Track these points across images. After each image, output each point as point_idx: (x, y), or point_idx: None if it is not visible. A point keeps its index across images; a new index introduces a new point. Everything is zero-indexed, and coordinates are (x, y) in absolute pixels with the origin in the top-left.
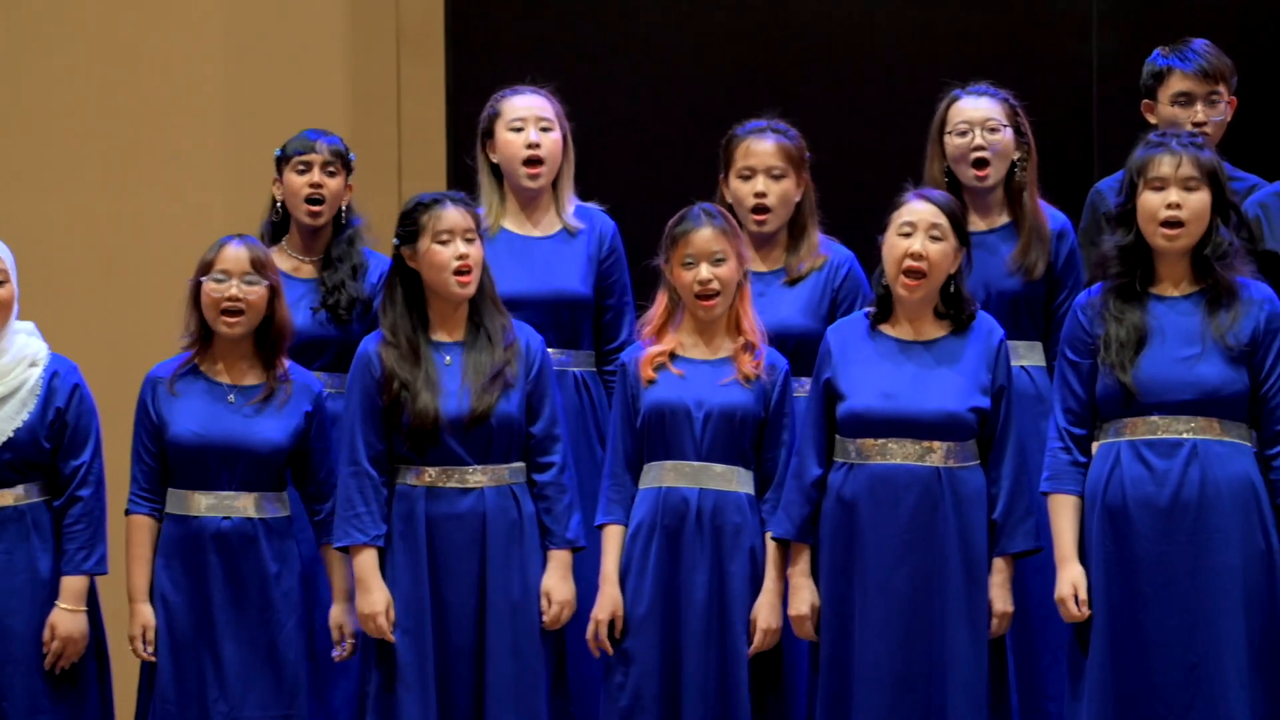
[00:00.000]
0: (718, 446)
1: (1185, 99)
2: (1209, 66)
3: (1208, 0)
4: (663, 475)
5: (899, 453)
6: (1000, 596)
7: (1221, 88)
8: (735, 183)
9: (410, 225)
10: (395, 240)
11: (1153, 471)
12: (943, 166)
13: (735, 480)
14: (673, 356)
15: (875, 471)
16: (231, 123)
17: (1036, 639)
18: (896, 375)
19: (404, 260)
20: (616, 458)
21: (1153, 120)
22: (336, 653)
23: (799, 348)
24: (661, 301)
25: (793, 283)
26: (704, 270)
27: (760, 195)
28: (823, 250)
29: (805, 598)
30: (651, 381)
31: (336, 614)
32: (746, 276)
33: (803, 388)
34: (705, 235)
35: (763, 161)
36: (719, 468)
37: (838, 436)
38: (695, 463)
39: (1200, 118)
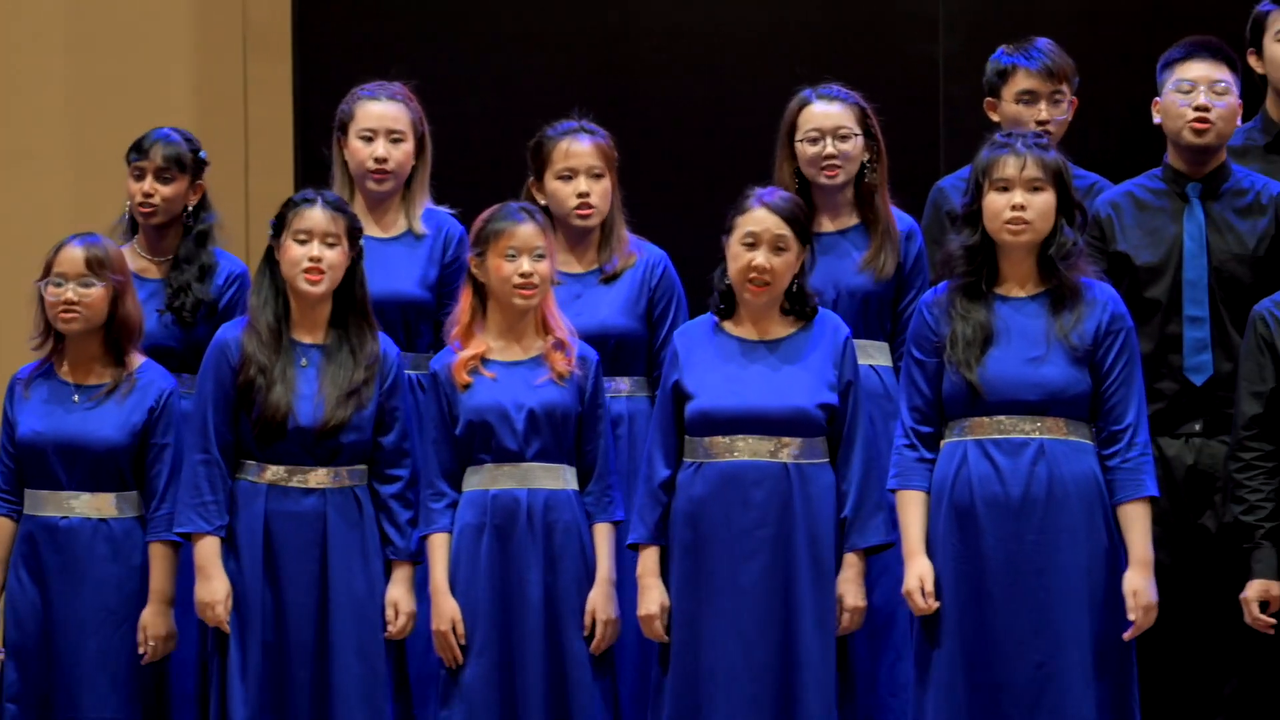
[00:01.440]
0: (542, 446)
1: (1029, 97)
2: (1053, 65)
3: (1050, 2)
4: (489, 478)
5: (748, 449)
6: (852, 592)
7: (1064, 87)
8: (554, 184)
9: (279, 219)
10: (269, 230)
11: (999, 470)
12: (793, 169)
13: (561, 478)
14: (483, 360)
15: (724, 469)
16: (76, 119)
17: (881, 635)
18: (744, 373)
19: (273, 252)
20: (433, 466)
21: (996, 119)
22: (142, 655)
23: (619, 348)
24: (466, 301)
25: (608, 280)
26: (526, 263)
27: (584, 195)
28: (633, 249)
29: (655, 598)
30: (467, 386)
31: (146, 615)
32: (554, 277)
33: (618, 389)
34: (529, 230)
35: (583, 162)
36: (545, 466)
37: (687, 437)
38: (521, 464)
39: (1044, 116)
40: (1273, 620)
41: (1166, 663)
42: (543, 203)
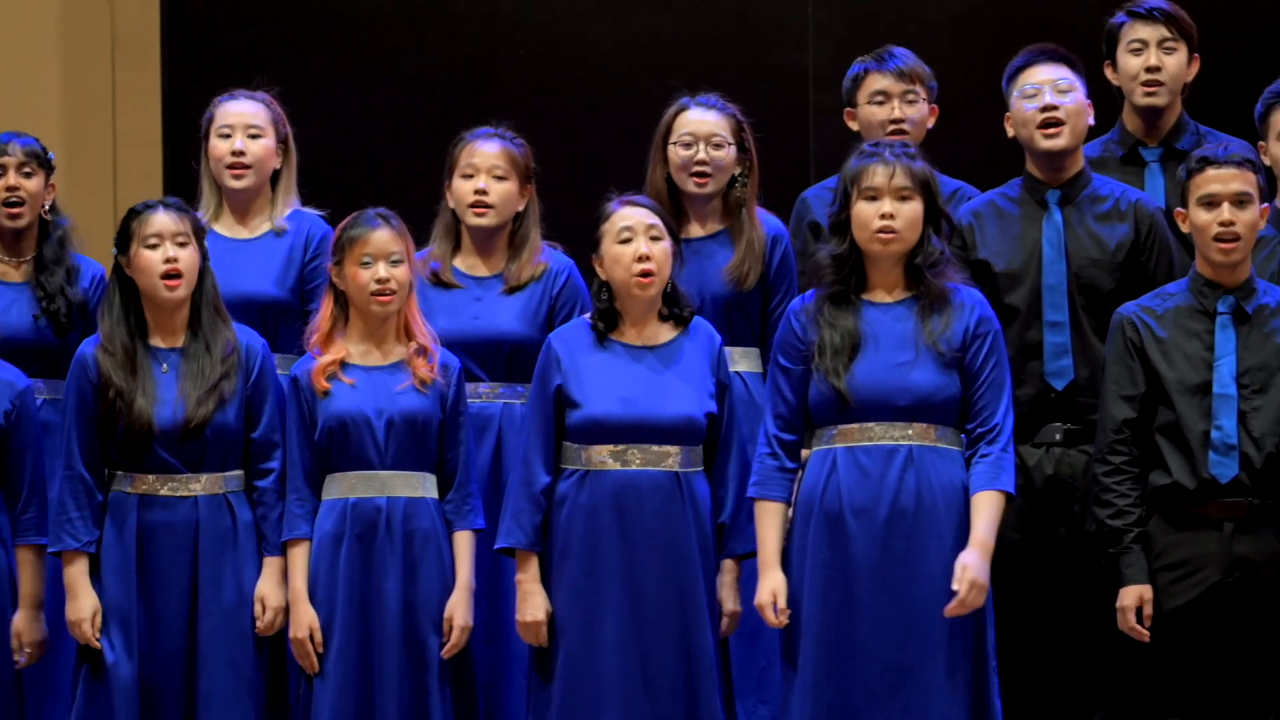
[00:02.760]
0: (402, 453)
1: (882, 97)
2: (905, 67)
3: (920, 13)
4: (348, 486)
5: (640, 458)
6: (729, 597)
7: (918, 88)
8: (458, 182)
9: (124, 232)
10: (114, 248)
11: (869, 478)
12: (664, 174)
13: (421, 485)
14: (343, 365)
15: (616, 478)
16: None
17: (753, 642)
18: (632, 381)
19: (122, 267)
20: (295, 472)
21: (854, 127)
22: (18, 660)
23: (515, 354)
24: (327, 308)
25: (511, 290)
26: (382, 269)
27: (481, 192)
28: (543, 258)
29: (539, 604)
30: (327, 393)
31: (18, 621)
32: (415, 282)
33: (516, 393)
34: (384, 235)
35: (486, 161)
36: (405, 474)
37: (568, 443)
38: (381, 471)
39: (897, 114)
40: (1147, 631)
41: (1029, 672)
42: (451, 204)
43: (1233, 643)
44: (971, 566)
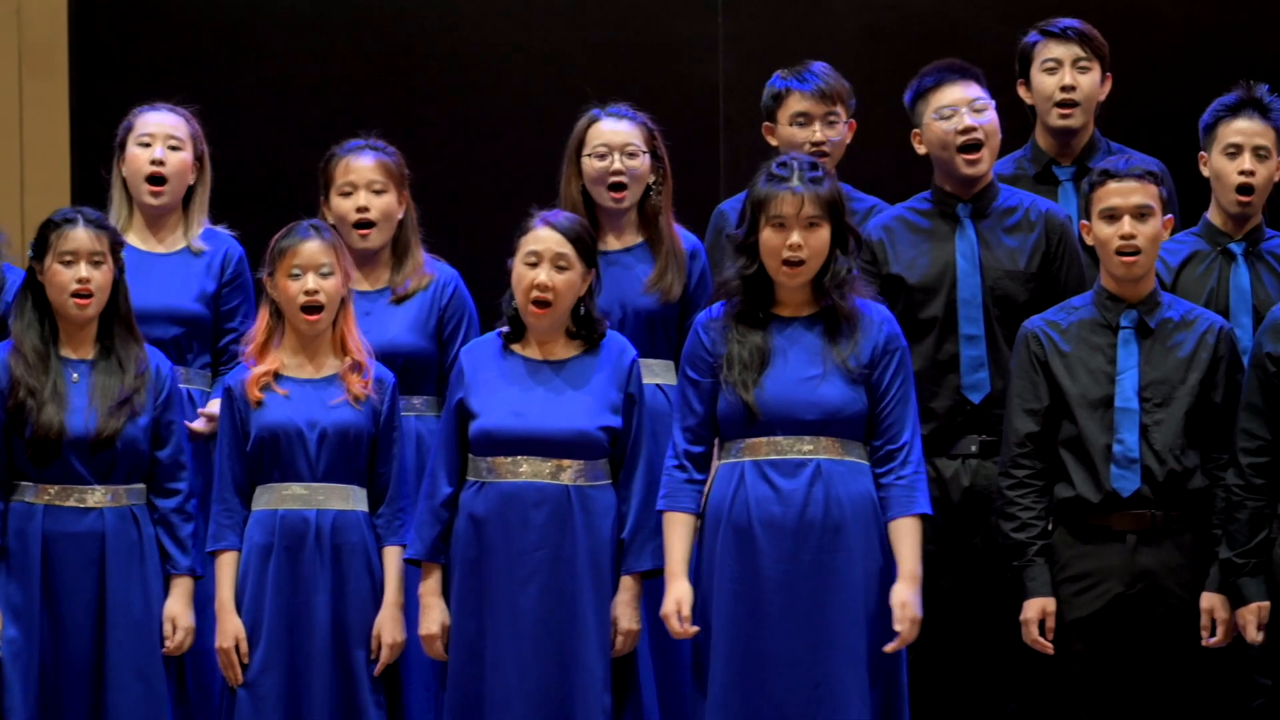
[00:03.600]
0: (333, 467)
1: (803, 119)
2: (826, 88)
3: (829, 25)
4: (278, 497)
5: (530, 470)
6: (627, 615)
7: (839, 108)
8: (336, 200)
9: (41, 241)
10: (29, 252)
11: (778, 491)
12: (579, 186)
13: (352, 499)
14: (277, 377)
15: (505, 489)
16: None
17: (677, 654)
18: (527, 394)
19: (35, 274)
20: (225, 483)
21: (774, 142)
22: None
23: (408, 366)
24: (263, 319)
25: (399, 301)
26: (311, 281)
27: (363, 210)
28: (428, 269)
29: (435, 617)
30: (260, 403)
31: None
32: (350, 294)
33: (410, 406)
34: (313, 247)
35: (363, 177)
36: (335, 487)
37: (471, 456)
38: (311, 484)
39: (818, 137)
40: (1050, 644)
41: (945, 684)
42: (331, 221)
43: (1135, 654)
44: (910, 604)
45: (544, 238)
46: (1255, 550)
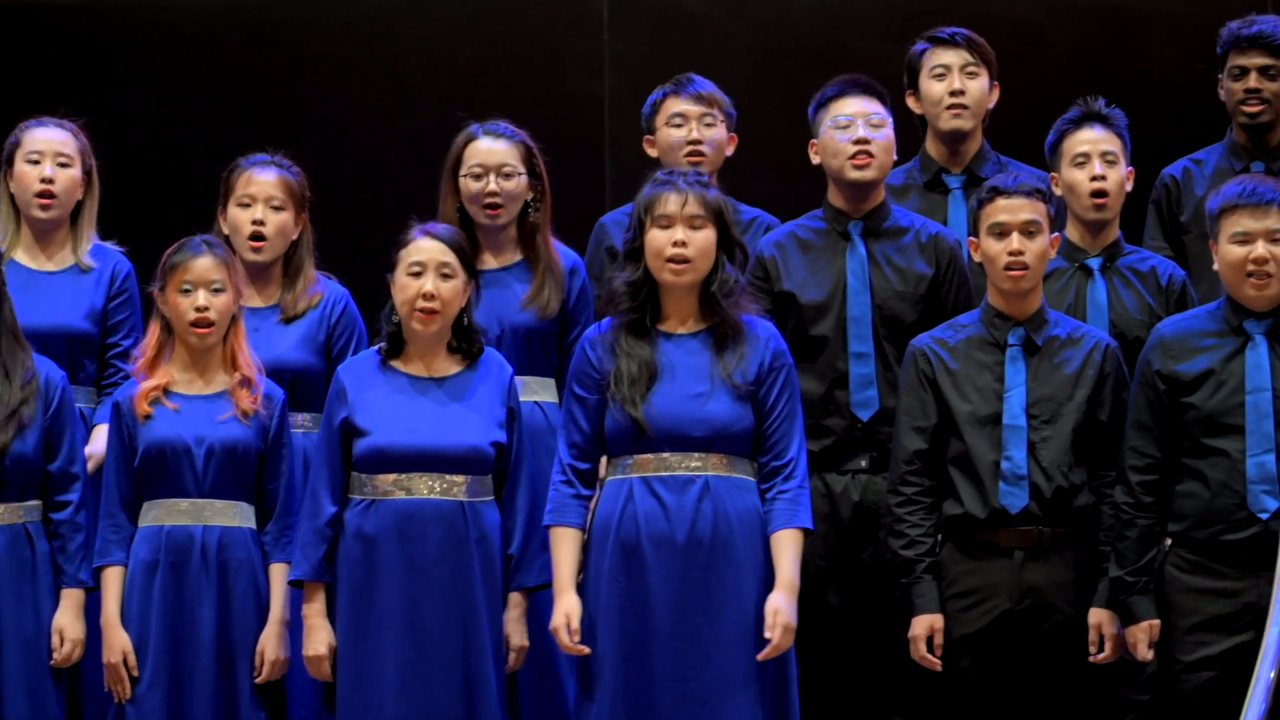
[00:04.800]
0: (220, 482)
1: (680, 119)
2: (704, 91)
3: (716, 44)
4: (165, 512)
5: (424, 488)
6: (516, 631)
7: (716, 111)
8: (233, 210)
9: None
10: None
11: (665, 508)
12: (456, 204)
13: (238, 515)
14: (167, 392)
15: (400, 507)
16: None
17: (559, 669)
18: (417, 411)
19: None
20: (112, 497)
21: (654, 154)
22: None
23: (296, 383)
24: (154, 333)
25: (289, 319)
26: (201, 297)
27: (258, 224)
28: (319, 288)
29: (323, 638)
30: (148, 417)
31: None
32: (241, 310)
33: (300, 423)
34: (205, 263)
35: (264, 191)
36: (222, 504)
37: (355, 473)
38: (198, 499)
39: (695, 135)
40: (938, 661)
41: (833, 700)
42: (226, 230)
43: (1021, 670)
44: (783, 611)
45: (427, 247)
46: (1145, 568)
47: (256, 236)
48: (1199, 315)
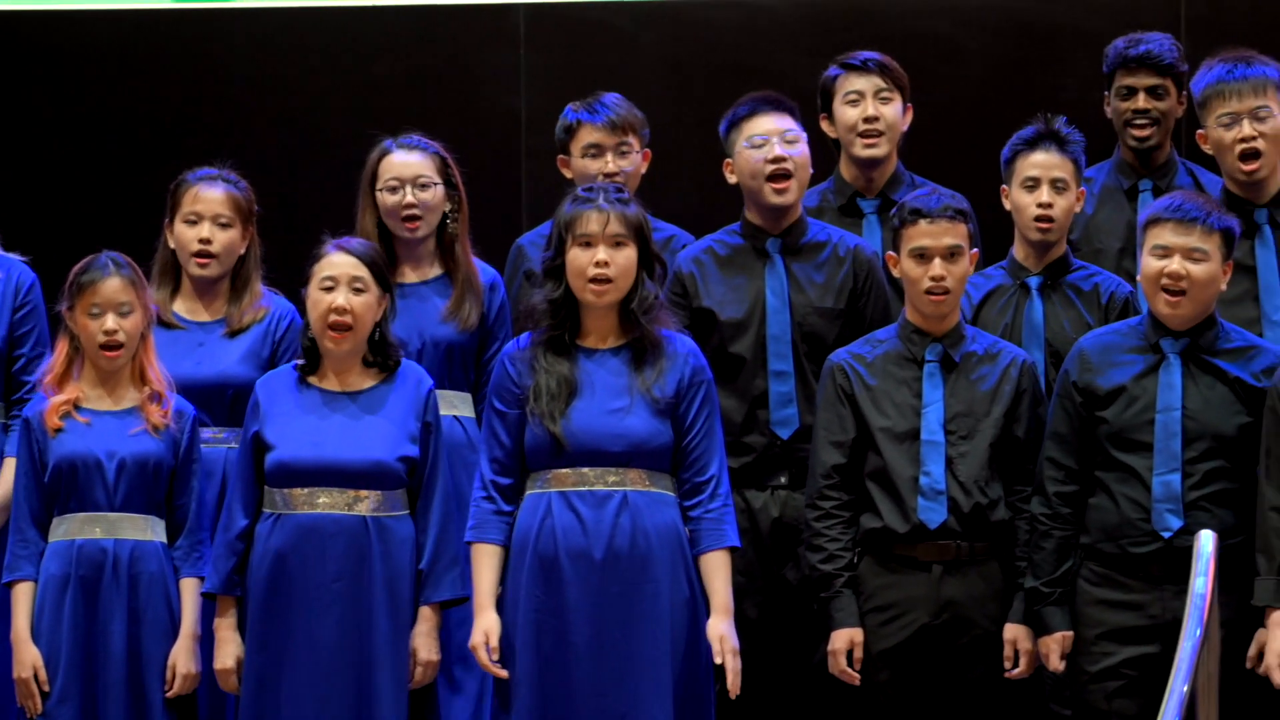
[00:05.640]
0: (131, 497)
1: (595, 150)
2: (618, 119)
3: (632, 58)
4: (76, 527)
5: (327, 502)
6: (425, 645)
7: (631, 138)
8: (180, 226)
9: None
10: None
11: (584, 523)
12: (374, 218)
13: (150, 529)
14: (77, 407)
15: (303, 521)
16: None
17: (465, 683)
18: (324, 425)
19: None
20: (21, 514)
21: (568, 175)
22: None
23: (239, 398)
24: (62, 350)
25: (233, 334)
26: (110, 320)
27: (205, 241)
28: (265, 303)
29: (231, 651)
30: (59, 431)
31: None
32: (150, 326)
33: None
34: (113, 285)
35: (210, 209)
36: (133, 517)
37: (267, 488)
38: (109, 513)
39: (611, 168)
40: (858, 674)
41: (752, 714)
42: (172, 245)
43: (940, 684)
44: (728, 636)
45: (338, 262)
46: (1060, 580)
47: (203, 254)
48: (1120, 329)
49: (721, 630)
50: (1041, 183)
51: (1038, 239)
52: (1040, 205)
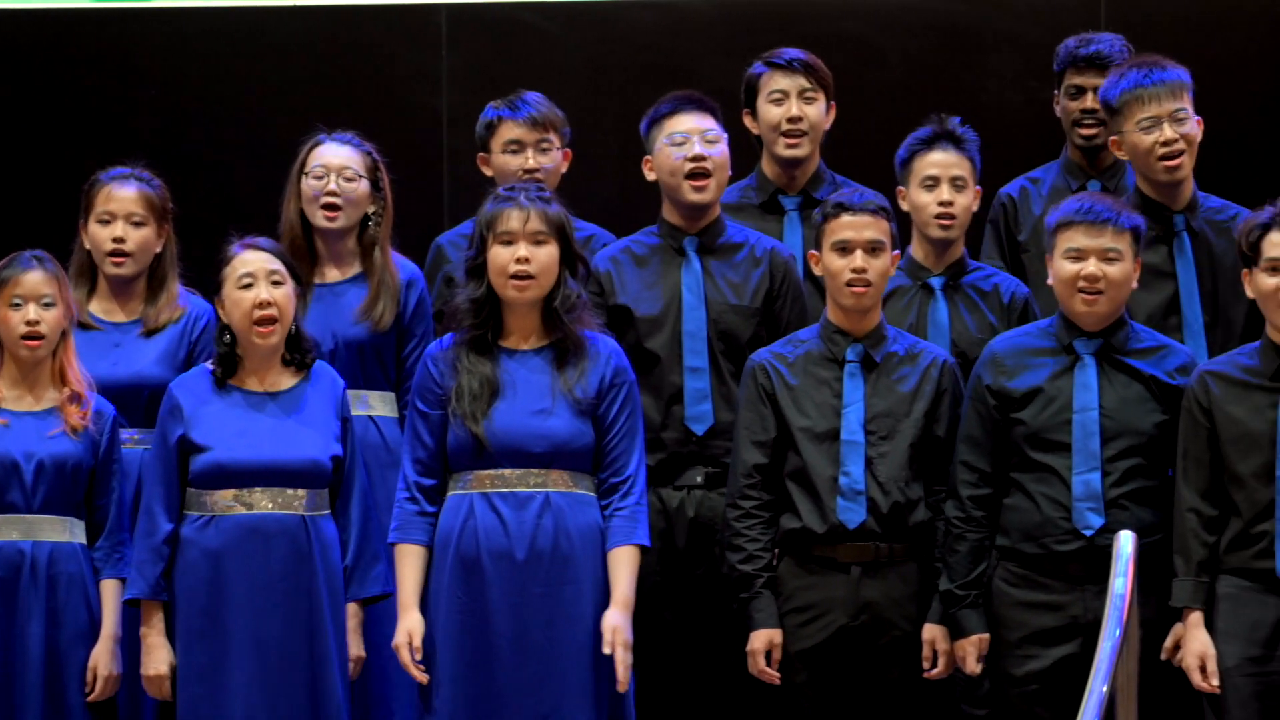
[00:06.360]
0: (50, 498)
1: (516, 146)
2: (539, 115)
3: (553, 58)
4: None
5: (265, 502)
6: (353, 642)
7: (552, 135)
8: (94, 226)
9: None
10: None
11: (505, 523)
12: (298, 208)
13: (69, 530)
14: None
15: (242, 522)
16: None
17: (387, 684)
18: (255, 426)
19: None
20: None
21: (489, 172)
22: None
23: (154, 399)
24: None
25: (150, 334)
26: (32, 311)
27: (119, 241)
28: (182, 302)
29: (163, 657)
30: None
31: None
32: (71, 325)
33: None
34: (36, 278)
35: (123, 208)
36: (52, 519)
37: (192, 489)
38: (27, 515)
39: (531, 164)
40: (778, 674)
41: (671, 714)
42: (87, 246)
43: (858, 685)
44: (622, 628)
45: (252, 259)
46: (975, 582)
47: (118, 254)
48: (1031, 331)
49: (615, 622)
50: (941, 181)
51: (940, 236)
52: (941, 204)
